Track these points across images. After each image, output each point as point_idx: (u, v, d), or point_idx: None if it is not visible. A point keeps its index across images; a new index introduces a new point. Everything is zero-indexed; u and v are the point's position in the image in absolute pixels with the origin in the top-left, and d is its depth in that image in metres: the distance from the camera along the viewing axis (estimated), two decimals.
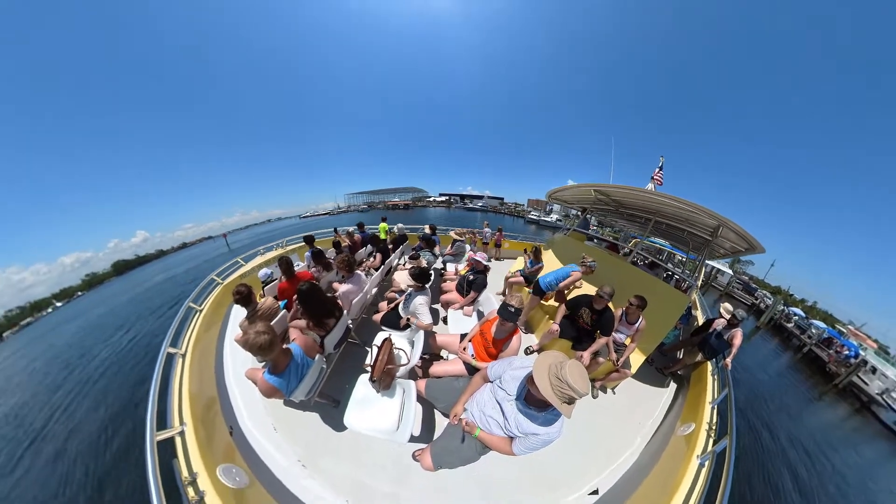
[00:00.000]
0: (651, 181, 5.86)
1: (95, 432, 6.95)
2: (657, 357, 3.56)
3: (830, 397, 11.24)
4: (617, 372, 2.70)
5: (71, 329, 17.95)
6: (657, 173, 5.90)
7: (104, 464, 5.84)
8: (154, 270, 39.10)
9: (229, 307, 3.63)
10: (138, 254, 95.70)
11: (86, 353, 12.66)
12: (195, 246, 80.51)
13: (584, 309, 2.62)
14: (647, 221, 4.53)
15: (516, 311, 1.71)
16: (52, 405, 9.04)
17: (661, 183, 5.91)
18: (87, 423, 7.47)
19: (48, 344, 16.41)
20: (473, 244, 6.61)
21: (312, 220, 74.56)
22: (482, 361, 1.93)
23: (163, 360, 2.10)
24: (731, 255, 4.32)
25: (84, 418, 7.85)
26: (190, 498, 1.33)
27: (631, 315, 2.62)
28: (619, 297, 2.71)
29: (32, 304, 65.47)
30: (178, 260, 45.08)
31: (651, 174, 5.93)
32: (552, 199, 5.73)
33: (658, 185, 5.84)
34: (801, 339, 15.99)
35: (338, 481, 1.86)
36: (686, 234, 4.18)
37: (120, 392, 8.58)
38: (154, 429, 1.52)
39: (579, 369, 1.12)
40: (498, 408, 1.36)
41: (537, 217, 58.74)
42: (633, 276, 3.50)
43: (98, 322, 17.44)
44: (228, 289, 3.80)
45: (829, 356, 13.85)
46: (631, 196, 3.67)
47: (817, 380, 12.50)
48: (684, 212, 3.19)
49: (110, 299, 24.31)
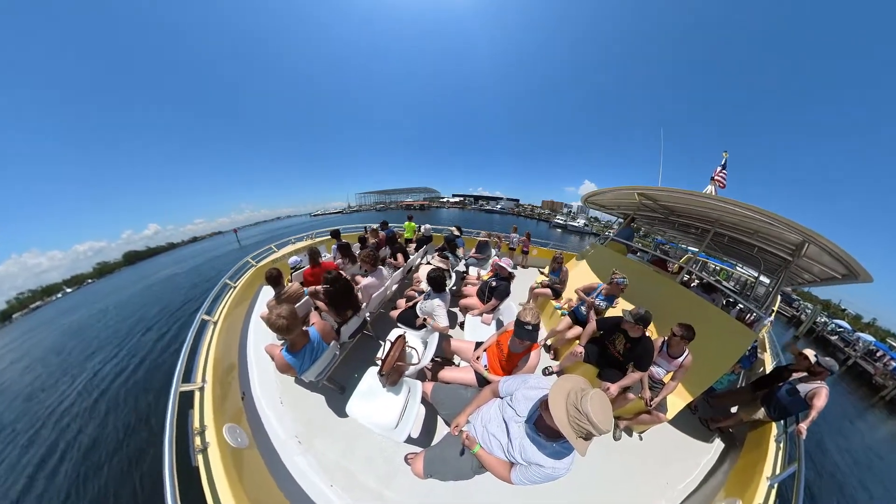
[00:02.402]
0: (711, 183, 4.86)
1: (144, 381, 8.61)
2: (703, 405, 3.06)
3: (879, 409, 11.56)
4: (648, 414, 2.36)
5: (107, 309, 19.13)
6: (718, 172, 4.88)
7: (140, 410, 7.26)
8: (164, 262, 38.87)
9: (259, 287, 4.14)
10: (150, 245, 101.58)
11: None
12: (205, 240, 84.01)
13: (618, 334, 2.36)
14: (704, 233, 3.90)
15: (534, 329, 1.62)
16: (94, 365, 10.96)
17: (723, 185, 4.95)
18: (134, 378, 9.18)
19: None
20: (499, 248, 6.46)
21: (323, 218, 75.77)
22: (495, 374, 1.88)
23: (197, 324, 2.44)
24: (822, 282, 3.52)
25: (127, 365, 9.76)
26: (196, 446, 1.53)
27: (674, 347, 2.27)
28: (663, 324, 2.42)
29: (44, 288, 70.35)
30: (187, 253, 44.28)
31: (711, 174, 4.93)
32: (589, 204, 5.21)
33: (720, 188, 4.91)
34: (846, 351, 16.25)
35: (327, 464, 1.97)
36: (756, 250, 3.53)
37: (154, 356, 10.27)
38: (180, 380, 1.77)
39: (603, 402, 1.02)
40: (503, 427, 1.31)
41: (563, 221, 55.27)
42: (682, 299, 3.03)
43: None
44: (260, 271, 4.30)
45: (875, 369, 14.14)
46: (684, 201, 3.09)
47: (864, 392, 12.78)
48: (755, 222, 2.62)
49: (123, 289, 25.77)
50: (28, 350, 15.44)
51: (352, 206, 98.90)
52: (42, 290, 72.06)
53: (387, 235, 5.41)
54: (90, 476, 5.53)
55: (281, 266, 4.11)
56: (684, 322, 2.20)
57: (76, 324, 17.72)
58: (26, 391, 10.27)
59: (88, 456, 6.08)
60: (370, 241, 4.88)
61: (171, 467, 1.26)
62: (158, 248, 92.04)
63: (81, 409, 8.08)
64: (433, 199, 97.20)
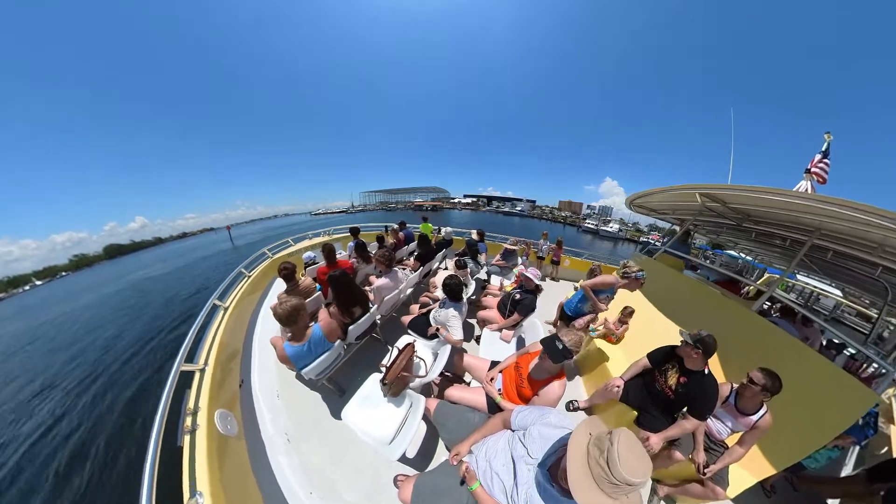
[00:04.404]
0: (806, 176, 3.92)
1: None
2: (783, 487, 2.40)
3: None
4: (701, 485, 1.85)
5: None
6: (817, 163, 3.94)
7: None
8: (147, 259, 37.93)
9: (273, 279, 4.36)
10: (134, 239, 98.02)
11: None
12: (195, 237, 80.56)
13: (671, 364, 1.93)
14: (795, 245, 3.18)
15: (567, 352, 1.48)
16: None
17: (824, 180, 4.00)
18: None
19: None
20: (526, 257, 6.12)
21: (325, 217, 73.56)
22: (509, 401, 1.74)
23: (208, 308, 2.56)
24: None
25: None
26: (185, 426, 1.57)
27: (747, 399, 1.78)
28: (732, 366, 1.98)
29: (10, 279, 62.90)
30: (174, 251, 42.17)
31: (807, 165, 3.97)
32: (635, 208, 4.56)
33: (819, 184, 3.98)
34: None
35: (311, 469, 1.92)
36: (880, 272, 2.77)
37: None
38: (183, 359, 1.84)
39: (637, 449, 0.82)
40: (510, 467, 1.14)
41: (595, 226, 51.39)
42: (761, 335, 2.36)
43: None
44: (275, 263, 4.57)
45: None
46: (767, 202, 2.44)
47: None
48: (881, 232, 1.97)
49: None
50: None
51: (356, 206, 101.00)
52: (7, 282, 64.30)
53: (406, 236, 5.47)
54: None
55: (295, 260, 4.34)
56: (767, 368, 1.73)
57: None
58: None
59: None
60: (389, 241, 4.95)
61: (156, 445, 1.29)
62: (144, 243, 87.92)
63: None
64: (443, 200, 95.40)
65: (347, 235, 6.02)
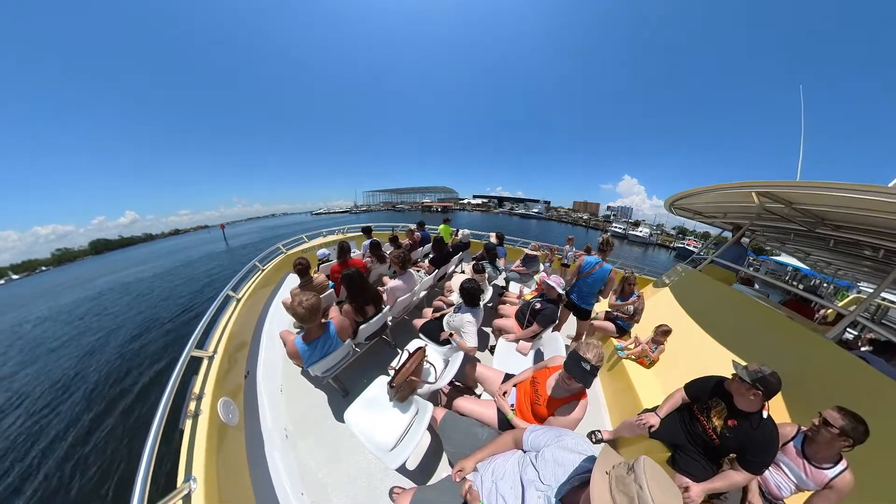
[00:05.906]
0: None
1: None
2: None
3: None
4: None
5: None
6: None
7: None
8: (134, 256, 35.39)
9: (286, 273, 4.61)
10: (123, 235, 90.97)
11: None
12: (188, 234, 78.01)
13: (716, 400, 1.68)
14: (891, 257, 2.70)
15: (592, 371, 1.38)
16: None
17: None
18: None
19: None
20: (549, 263, 5.82)
21: (328, 217, 71.40)
22: (522, 418, 1.66)
23: (221, 298, 2.68)
24: None
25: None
26: (188, 410, 1.63)
27: (820, 447, 1.45)
28: (801, 405, 1.68)
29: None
30: (163, 249, 39.28)
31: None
32: (676, 210, 4.07)
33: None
34: None
35: (305, 469, 1.93)
36: None
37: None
38: (194, 344, 1.90)
39: (665, 483, 0.72)
40: (518, 491, 1.05)
41: (623, 230, 47.61)
42: (841, 369, 1.92)
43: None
44: (289, 258, 4.81)
45: None
46: (849, 202, 2.00)
47: None
48: None
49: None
50: None
51: (359, 206, 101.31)
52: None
53: (423, 237, 5.49)
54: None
55: (309, 256, 4.59)
56: (847, 409, 1.41)
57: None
58: None
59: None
60: (404, 242, 4.99)
61: (159, 424, 1.34)
62: (134, 239, 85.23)
63: None
64: (452, 200, 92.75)
65: (360, 235, 6.23)
